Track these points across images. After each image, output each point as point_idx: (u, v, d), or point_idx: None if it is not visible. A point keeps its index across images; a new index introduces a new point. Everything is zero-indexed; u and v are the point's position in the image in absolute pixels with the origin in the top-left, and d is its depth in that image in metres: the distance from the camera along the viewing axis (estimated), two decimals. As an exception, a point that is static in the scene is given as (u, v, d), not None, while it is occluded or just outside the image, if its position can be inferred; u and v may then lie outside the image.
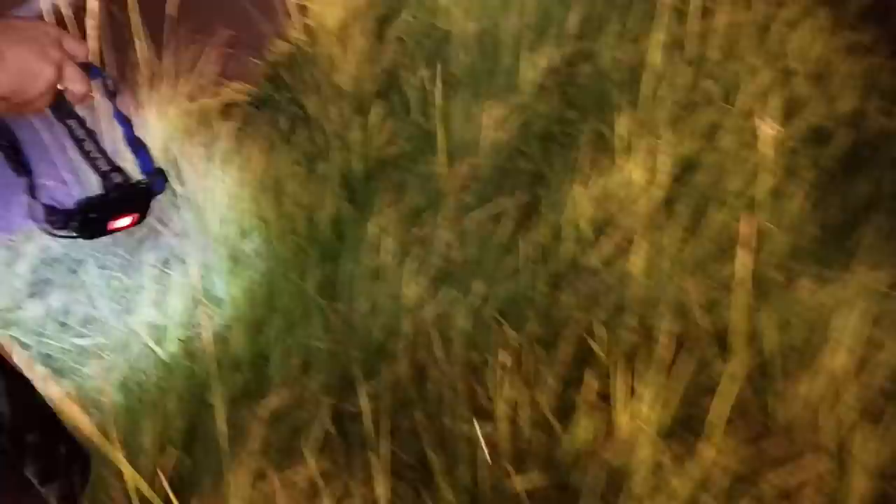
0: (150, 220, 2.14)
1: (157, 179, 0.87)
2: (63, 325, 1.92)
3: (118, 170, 0.83)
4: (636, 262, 1.83)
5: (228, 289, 1.91)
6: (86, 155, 0.82)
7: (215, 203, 2.03)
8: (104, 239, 2.09)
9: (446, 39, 2.87)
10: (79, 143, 0.82)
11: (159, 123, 2.14)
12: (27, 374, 1.02)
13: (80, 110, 0.83)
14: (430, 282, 1.81)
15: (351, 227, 2.01)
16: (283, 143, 2.31)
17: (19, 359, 1.77)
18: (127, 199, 0.83)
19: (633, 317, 1.73)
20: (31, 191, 0.80)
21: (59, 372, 1.80)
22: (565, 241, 1.95)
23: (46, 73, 0.75)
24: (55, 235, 0.82)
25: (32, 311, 1.93)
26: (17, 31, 0.74)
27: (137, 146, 0.88)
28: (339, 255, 1.94)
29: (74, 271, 2.06)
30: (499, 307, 1.80)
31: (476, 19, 2.86)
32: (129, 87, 2.15)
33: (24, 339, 1.86)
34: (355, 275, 1.86)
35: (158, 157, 2.14)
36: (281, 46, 2.90)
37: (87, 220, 0.81)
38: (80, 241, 2.10)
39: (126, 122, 0.87)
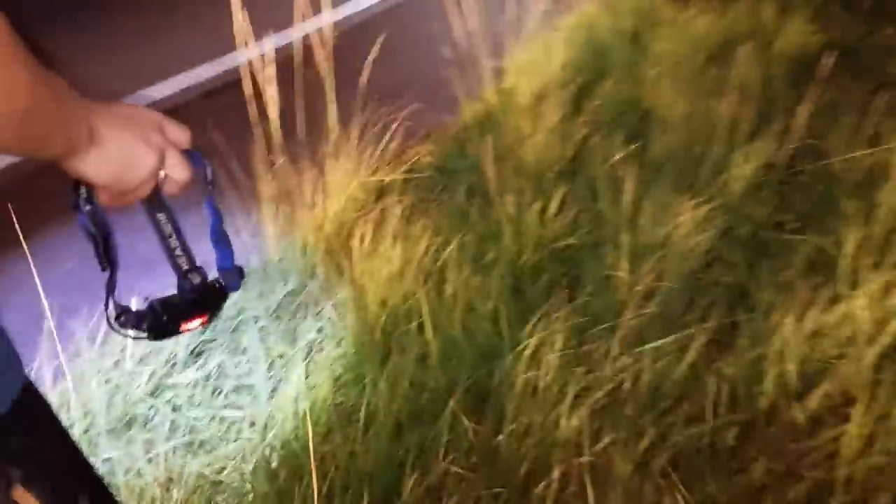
0: (314, 289, 2.08)
1: (233, 278, 0.84)
2: (215, 391, 1.86)
3: (197, 270, 0.81)
4: (852, 431, 1.47)
5: (375, 379, 1.76)
6: (169, 252, 0.80)
7: (377, 281, 1.91)
8: (268, 302, 2.06)
9: (648, 118, 2.62)
10: (164, 238, 0.79)
11: (338, 194, 2.06)
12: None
13: (172, 198, 0.79)
14: (592, 413, 1.56)
15: (512, 327, 1.80)
16: (456, 220, 2.16)
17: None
18: (201, 299, 0.81)
19: (842, 502, 1.38)
20: (110, 286, 0.77)
21: (199, 444, 1.74)
22: (764, 386, 1.62)
23: (149, 161, 0.72)
24: (123, 335, 0.80)
25: (189, 374, 1.89)
26: (119, 117, 0.70)
27: (220, 240, 0.84)
28: (495, 359, 1.74)
29: (236, 332, 2.01)
30: (670, 457, 1.51)
31: (686, 99, 2.59)
32: (315, 157, 2.10)
33: (175, 402, 1.82)
34: (508, 388, 1.65)
35: (330, 228, 2.07)
36: (472, 111, 2.79)
37: (158, 322, 0.79)
38: (250, 303, 2.06)
39: (216, 214, 0.84)
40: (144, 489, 1.64)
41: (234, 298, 2.12)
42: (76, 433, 1.72)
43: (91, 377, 1.79)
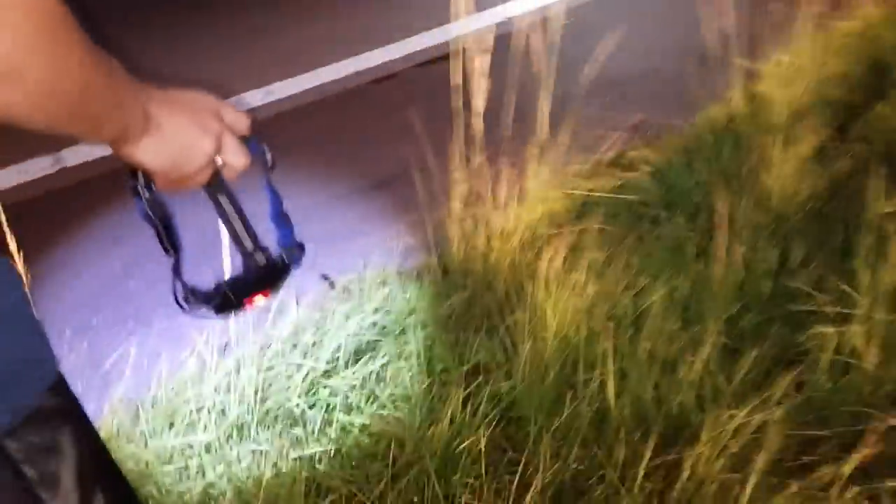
0: (490, 303, 1.86)
1: (295, 254, 0.86)
2: (371, 397, 1.71)
3: (262, 250, 0.83)
4: None
5: (541, 430, 1.52)
6: (233, 234, 0.81)
7: (562, 313, 1.65)
8: (440, 308, 1.87)
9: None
10: (227, 221, 0.80)
11: (535, 203, 1.81)
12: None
13: (233, 182, 0.79)
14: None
15: (717, 405, 1.47)
16: (668, 255, 1.83)
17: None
18: (265, 277, 0.84)
19: None
20: (176, 269, 0.79)
21: (345, 454, 1.59)
22: None
23: (206, 146, 0.71)
24: (191, 314, 0.81)
25: (348, 375, 1.74)
26: (177, 102, 0.70)
27: (282, 222, 0.86)
28: (688, 442, 1.43)
29: (402, 335, 1.84)
30: None
31: None
32: (516, 157, 1.85)
33: (330, 402, 1.68)
34: (698, 485, 1.33)
35: (520, 240, 1.83)
36: (710, 119, 2.41)
37: (225, 301, 0.82)
38: (421, 305, 1.88)
39: (276, 197, 0.86)
40: (281, 488, 1.53)
41: (405, 297, 1.97)
42: (229, 418, 1.63)
43: (253, 362, 1.70)
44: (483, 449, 1.48)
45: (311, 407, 1.67)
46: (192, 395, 1.62)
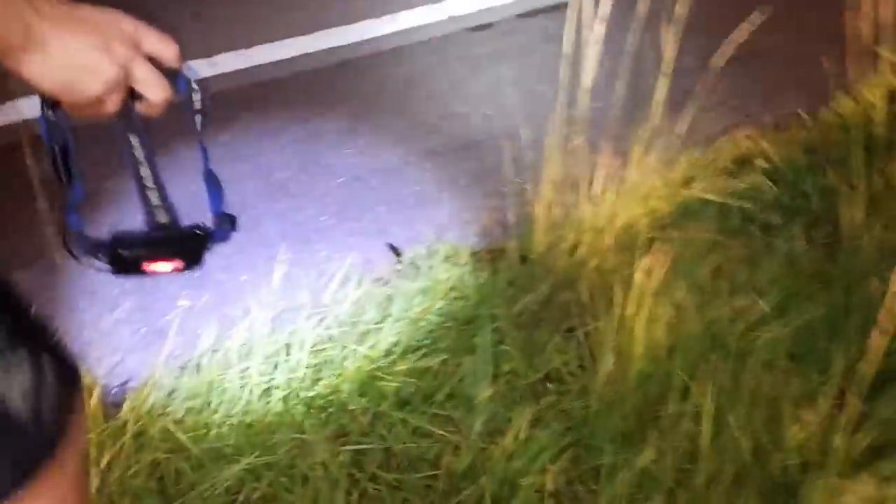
0: (570, 304, 1.67)
1: (221, 226, 0.77)
2: (429, 393, 1.55)
3: (168, 209, 0.75)
4: None
5: (615, 468, 1.34)
6: (138, 181, 0.73)
7: (653, 334, 1.45)
8: (515, 301, 1.69)
9: None
10: (134, 165, 0.72)
11: (635, 198, 1.59)
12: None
13: (154, 127, 0.72)
14: None
15: (826, 468, 1.27)
16: (783, 275, 1.60)
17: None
18: (171, 242, 0.76)
19: None
20: (67, 207, 0.72)
21: (393, 456, 1.44)
22: None
23: (105, 71, 0.65)
24: (81, 263, 0.74)
25: (404, 365, 1.56)
26: (74, 20, 0.63)
27: (210, 183, 0.77)
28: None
29: (471, 326, 1.66)
30: None
31: None
32: (621, 143, 1.62)
33: (383, 392, 1.53)
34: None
35: (613, 240, 1.62)
36: (838, 113, 2.12)
37: (115, 255, 0.74)
38: (494, 295, 1.69)
39: (203, 152, 0.75)
40: (322, 482, 1.40)
41: (477, 283, 1.79)
42: (273, 400, 1.50)
43: (305, 343, 1.55)
44: (547, 480, 1.32)
45: (362, 398, 1.52)
46: (237, 372, 1.49)
